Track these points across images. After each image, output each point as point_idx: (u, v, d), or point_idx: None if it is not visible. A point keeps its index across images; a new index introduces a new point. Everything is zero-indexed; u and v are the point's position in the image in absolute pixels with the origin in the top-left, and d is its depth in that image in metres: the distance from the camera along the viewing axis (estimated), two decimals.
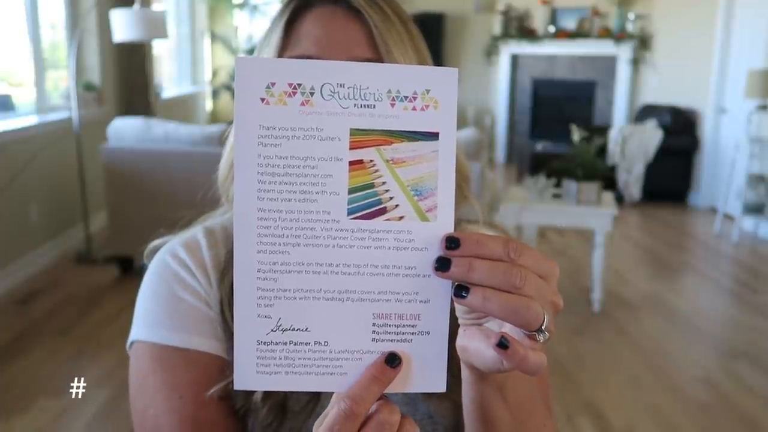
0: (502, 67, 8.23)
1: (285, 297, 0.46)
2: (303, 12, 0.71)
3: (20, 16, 4.17)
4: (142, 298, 0.75)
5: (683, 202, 6.41)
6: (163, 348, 0.71)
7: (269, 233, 0.46)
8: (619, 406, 2.64)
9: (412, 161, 0.47)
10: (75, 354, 2.89)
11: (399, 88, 0.46)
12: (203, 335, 0.72)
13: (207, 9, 7.85)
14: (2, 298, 3.54)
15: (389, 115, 0.46)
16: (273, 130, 0.45)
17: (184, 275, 0.74)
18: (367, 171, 0.46)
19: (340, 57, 0.69)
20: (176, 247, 0.76)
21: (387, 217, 0.47)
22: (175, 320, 0.72)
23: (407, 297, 0.47)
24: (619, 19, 7.28)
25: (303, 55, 0.70)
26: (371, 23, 0.70)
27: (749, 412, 2.65)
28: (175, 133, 3.71)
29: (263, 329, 0.47)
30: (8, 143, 3.68)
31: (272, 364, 0.47)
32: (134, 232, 3.76)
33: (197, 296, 0.73)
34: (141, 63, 5.28)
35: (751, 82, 4.96)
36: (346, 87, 0.46)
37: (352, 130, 0.46)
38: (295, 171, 0.46)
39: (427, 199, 0.47)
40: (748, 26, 5.61)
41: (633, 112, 7.21)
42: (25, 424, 2.40)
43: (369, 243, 0.47)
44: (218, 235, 0.78)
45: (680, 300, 3.96)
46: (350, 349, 0.47)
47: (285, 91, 0.45)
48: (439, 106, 0.47)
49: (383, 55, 0.70)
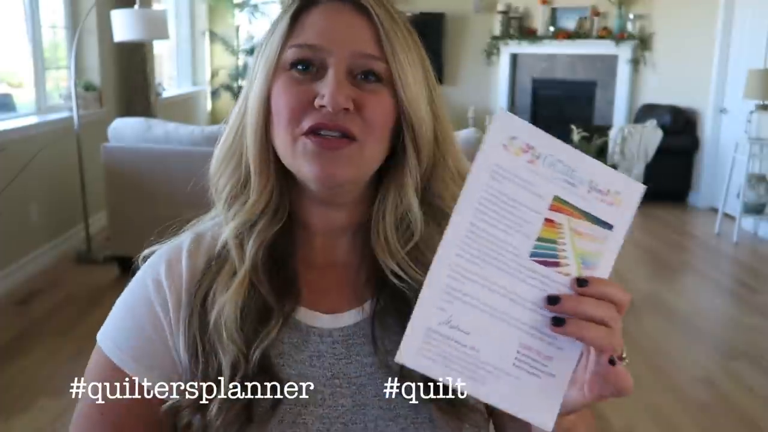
0: (502, 67, 8.22)
1: (462, 300, 0.55)
2: (310, 6, 0.71)
3: (20, 16, 4.17)
4: (118, 310, 0.78)
5: (683, 202, 6.41)
6: (113, 365, 0.74)
7: (471, 244, 0.55)
8: (619, 406, 2.64)
9: (588, 238, 0.57)
10: (75, 354, 2.89)
11: (597, 182, 0.57)
12: (154, 370, 0.73)
13: (207, 9, 7.85)
14: (2, 298, 3.54)
15: (583, 197, 0.56)
16: (503, 170, 0.55)
17: (158, 309, 0.74)
18: (556, 230, 0.56)
19: (343, 51, 0.69)
20: (159, 268, 0.76)
21: (557, 270, 0.56)
22: (135, 349, 0.74)
23: (548, 339, 0.56)
24: (619, 19, 7.28)
25: (305, 44, 0.69)
26: (378, 22, 0.69)
27: (749, 412, 2.65)
28: (175, 133, 3.71)
29: (436, 319, 0.54)
30: (8, 143, 3.68)
31: (432, 351, 0.54)
32: (134, 232, 3.76)
33: (162, 336, 0.74)
34: (141, 63, 5.28)
35: (751, 82, 4.96)
36: (563, 164, 0.56)
37: (555, 197, 0.56)
38: (506, 207, 0.55)
39: (589, 269, 0.56)
40: (748, 26, 5.61)
41: (633, 112, 7.21)
42: (25, 424, 2.41)
43: (536, 284, 0.56)
44: (204, 243, 0.78)
45: (680, 300, 3.96)
46: (493, 364, 0.55)
47: (521, 147, 0.55)
48: (621, 206, 0.57)
49: (388, 55, 0.69)
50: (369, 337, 0.74)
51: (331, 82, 0.68)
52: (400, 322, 0.72)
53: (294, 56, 0.70)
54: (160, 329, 0.74)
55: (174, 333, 0.74)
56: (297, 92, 0.69)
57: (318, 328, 0.74)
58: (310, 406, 0.71)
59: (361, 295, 0.76)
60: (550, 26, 7.72)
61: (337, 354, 0.73)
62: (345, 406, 0.72)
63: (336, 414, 0.71)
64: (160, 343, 0.74)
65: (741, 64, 5.58)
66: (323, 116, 0.68)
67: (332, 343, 0.74)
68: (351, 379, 0.73)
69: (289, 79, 0.70)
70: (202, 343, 0.72)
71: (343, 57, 0.69)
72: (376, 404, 0.72)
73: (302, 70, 0.70)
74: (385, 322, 0.74)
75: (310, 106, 0.69)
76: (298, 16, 0.71)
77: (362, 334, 0.75)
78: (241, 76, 7.79)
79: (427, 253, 0.73)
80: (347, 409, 0.72)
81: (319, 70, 0.70)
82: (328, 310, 0.75)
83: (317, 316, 0.75)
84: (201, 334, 0.72)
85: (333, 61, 0.69)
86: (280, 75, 0.71)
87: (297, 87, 0.70)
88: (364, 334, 0.74)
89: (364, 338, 0.74)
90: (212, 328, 0.71)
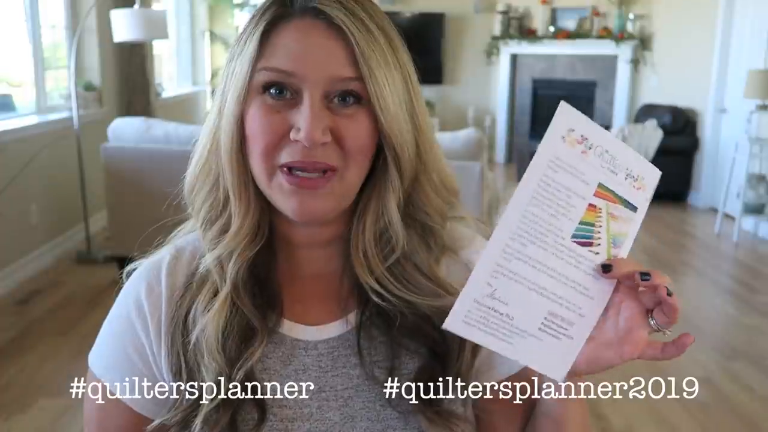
0: (502, 67, 8.22)
1: (508, 276, 0.60)
2: (280, 22, 0.67)
3: (20, 16, 4.17)
4: (105, 332, 0.78)
5: (683, 202, 6.41)
6: (104, 387, 0.75)
7: (523, 228, 0.60)
8: (620, 406, 2.63)
9: (620, 220, 0.63)
10: (75, 354, 2.89)
11: (632, 169, 0.63)
12: (139, 393, 0.74)
13: (207, 9, 7.85)
14: (2, 298, 3.54)
15: (621, 183, 0.63)
16: (560, 161, 0.60)
17: (140, 332, 0.74)
18: (595, 214, 0.62)
19: (317, 74, 0.65)
20: (140, 288, 0.76)
21: (590, 249, 0.62)
22: (122, 372, 0.75)
23: (573, 307, 0.63)
24: (619, 19, 7.28)
25: (277, 69, 0.66)
26: (353, 41, 0.65)
27: (749, 412, 2.65)
28: (175, 133, 3.71)
29: (483, 292, 0.60)
30: (8, 143, 3.68)
31: (474, 320, 0.60)
32: (134, 232, 3.73)
33: (145, 360, 0.74)
34: (141, 63, 5.28)
35: (751, 82, 4.96)
36: (608, 153, 0.62)
37: (599, 183, 0.61)
38: (558, 194, 0.60)
39: (616, 248, 0.63)
40: (748, 26, 5.60)
41: (633, 112, 7.21)
42: (25, 424, 2.40)
43: (572, 261, 0.62)
44: (184, 259, 0.77)
45: (680, 300, 3.96)
46: (523, 329, 0.61)
47: (576, 138, 0.60)
48: (645, 190, 0.64)
49: (365, 75, 0.65)
50: (354, 349, 0.72)
51: (307, 115, 0.64)
52: (385, 332, 0.72)
53: (266, 79, 0.66)
54: (142, 352, 0.74)
55: (156, 354, 0.74)
56: (271, 123, 0.66)
57: (303, 341, 0.73)
58: (296, 421, 0.70)
59: (345, 306, 0.74)
60: (550, 26, 7.72)
61: (323, 367, 0.72)
62: (333, 419, 0.71)
63: (324, 428, 0.71)
64: (144, 367, 0.74)
65: (741, 64, 5.58)
66: (300, 152, 0.65)
67: (317, 355, 0.73)
68: (338, 391, 0.72)
69: (262, 105, 0.67)
70: (186, 361, 0.71)
71: (318, 82, 0.65)
72: (364, 416, 0.71)
73: (276, 95, 0.66)
74: (371, 333, 0.72)
75: (285, 138, 0.66)
76: (268, 33, 0.67)
77: (348, 345, 0.73)
78: None
79: (408, 268, 0.72)
80: (335, 423, 0.71)
81: (294, 96, 0.66)
82: (313, 322, 0.74)
83: (301, 328, 0.74)
84: (183, 353, 0.71)
85: (308, 87, 0.65)
86: (253, 96, 0.67)
87: (271, 116, 0.66)
88: (349, 346, 0.73)
89: (349, 350, 0.73)
90: (193, 347, 0.70)
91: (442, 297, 0.71)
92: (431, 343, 0.71)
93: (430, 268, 0.73)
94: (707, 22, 6.03)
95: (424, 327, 0.71)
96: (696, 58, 6.27)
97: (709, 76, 6.07)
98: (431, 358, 0.71)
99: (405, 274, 0.72)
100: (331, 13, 0.65)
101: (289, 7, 0.67)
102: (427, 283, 0.72)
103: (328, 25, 0.66)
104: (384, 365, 0.72)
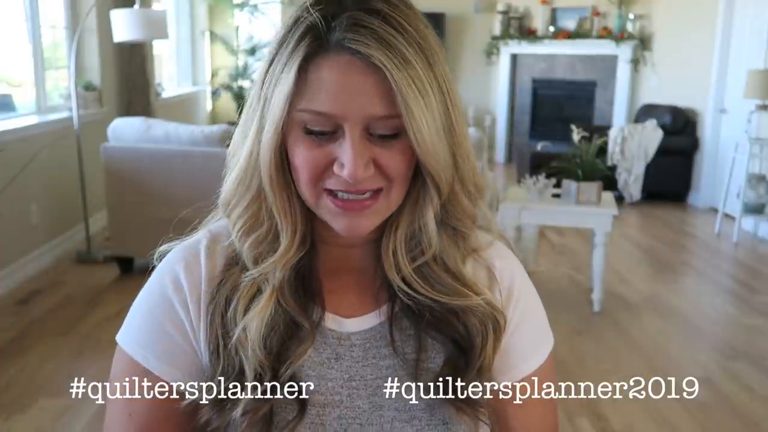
0: (502, 67, 8.22)
1: None
2: (316, 58, 0.65)
3: (20, 16, 4.17)
4: (137, 309, 0.77)
5: (683, 202, 6.41)
6: (132, 361, 0.74)
7: None
8: (619, 406, 2.64)
9: None
10: (75, 354, 2.89)
11: None
12: (176, 367, 0.74)
13: (207, 9, 7.85)
14: (2, 298, 3.54)
15: None
16: None
17: (178, 307, 0.74)
18: None
19: (357, 114, 0.65)
20: (177, 266, 0.76)
21: None
22: (151, 341, 0.74)
23: None
24: (619, 19, 7.28)
25: (317, 112, 0.66)
26: (391, 79, 0.64)
27: (749, 412, 2.65)
28: (175, 133, 3.71)
29: None
30: (8, 143, 3.68)
31: None
32: (134, 232, 3.76)
33: (183, 333, 0.74)
34: (141, 63, 5.28)
35: (751, 82, 4.96)
36: None
37: None
38: None
39: None
40: (748, 26, 5.60)
41: (633, 112, 7.21)
42: (25, 424, 2.40)
43: None
44: (221, 243, 0.77)
45: (680, 300, 3.96)
46: None
47: None
48: None
49: (402, 113, 0.65)
50: (386, 340, 0.75)
51: (350, 154, 0.65)
52: (414, 325, 0.74)
53: (306, 120, 0.67)
54: (181, 327, 0.74)
55: (195, 330, 0.74)
56: (315, 157, 0.68)
57: (336, 332, 0.75)
58: (328, 407, 0.73)
59: (377, 299, 0.77)
60: (550, 26, 7.72)
61: (354, 357, 0.75)
62: (362, 407, 0.73)
63: (353, 415, 0.73)
64: (182, 340, 0.74)
65: (741, 64, 5.58)
66: (344, 183, 0.67)
67: (350, 346, 0.75)
68: (367, 381, 0.74)
69: (305, 140, 0.68)
70: (224, 342, 0.72)
71: (358, 121, 0.66)
72: (392, 406, 0.73)
73: (317, 134, 0.67)
74: (401, 325, 0.75)
75: (329, 168, 0.68)
76: (305, 68, 0.65)
77: (379, 337, 0.76)
78: (240, 76, 7.79)
79: (435, 268, 0.74)
80: (364, 411, 0.73)
81: (335, 132, 0.67)
82: (347, 314, 0.76)
83: (336, 319, 0.76)
84: (223, 335, 0.72)
85: (348, 125, 0.66)
86: (293, 127, 0.68)
87: (314, 150, 0.67)
88: (381, 337, 0.76)
89: (381, 341, 0.75)
90: (236, 338, 0.71)
91: (468, 297, 0.73)
92: (457, 337, 0.74)
93: (457, 268, 0.75)
94: (707, 22, 6.03)
95: (451, 322, 0.74)
96: (696, 58, 6.27)
97: (709, 76, 6.06)
98: (457, 351, 0.74)
99: (432, 273, 0.74)
100: (368, 52, 0.64)
101: (324, 41, 0.66)
102: (454, 283, 0.74)
103: (366, 63, 0.64)
104: (411, 357, 0.74)
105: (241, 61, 7.84)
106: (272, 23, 7.94)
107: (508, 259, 0.82)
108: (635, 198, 5.90)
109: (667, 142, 5.91)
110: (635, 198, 5.90)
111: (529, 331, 0.81)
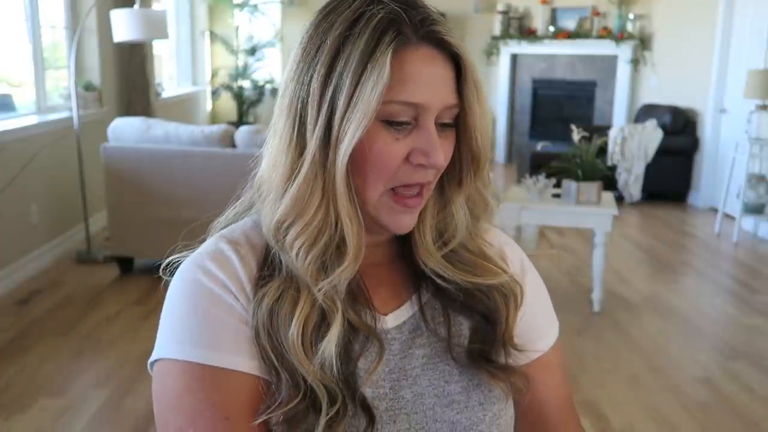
0: (502, 67, 8.23)
1: None
2: (402, 49, 0.66)
3: (20, 16, 4.17)
4: (170, 317, 0.71)
5: (683, 202, 6.41)
6: (200, 367, 0.67)
7: None
8: (619, 406, 2.64)
9: None
10: (75, 354, 2.89)
11: None
12: (242, 354, 0.68)
13: (207, 9, 7.85)
14: (2, 298, 3.54)
15: None
16: None
17: (219, 292, 0.69)
18: None
19: (437, 104, 0.68)
20: (204, 261, 0.71)
21: None
22: (212, 339, 0.68)
23: None
24: (619, 19, 7.28)
25: (408, 102, 0.67)
26: (466, 70, 0.69)
27: (749, 412, 2.65)
28: (175, 133, 3.71)
29: None
30: (8, 143, 3.68)
31: None
32: (134, 232, 3.76)
33: (233, 314, 0.69)
34: (141, 63, 5.28)
35: (751, 82, 4.96)
36: None
37: None
38: None
39: None
40: (748, 26, 5.61)
41: (633, 112, 7.21)
42: (25, 424, 2.40)
43: None
44: (244, 246, 0.74)
45: (680, 300, 3.96)
46: None
47: None
48: None
49: (464, 101, 0.70)
50: (420, 330, 0.77)
51: (433, 143, 0.68)
52: (444, 313, 0.78)
53: (394, 111, 0.67)
54: (241, 316, 0.69)
55: (247, 309, 0.70)
56: (396, 152, 0.68)
57: (381, 330, 0.76)
58: (375, 400, 0.73)
59: (405, 291, 0.79)
60: (550, 26, 7.72)
61: (393, 350, 0.76)
62: (405, 397, 0.74)
63: (399, 406, 0.74)
64: (238, 320, 0.69)
65: (741, 64, 5.58)
66: (412, 175, 0.69)
67: (390, 340, 0.76)
68: (407, 372, 0.75)
69: (387, 135, 0.68)
70: (280, 361, 0.68)
71: (435, 111, 0.68)
72: (431, 393, 0.75)
73: (398, 126, 0.68)
74: (432, 312, 0.78)
75: (404, 163, 0.69)
76: (393, 61, 0.66)
77: (414, 328, 0.77)
78: (240, 76, 7.79)
79: (460, 251, 0.77)
80: (408, 401, 0.74)
81: (411, 122, 0.69)
82: (384, 311, 0.77)
83: (379, 318, 0.76)
84: (272, 349, 0.68)
85: (428, 115, 0.68)
86: (372, 122, 0.67)
87: (395, 145, 0.68)
88: (415, 328, 0.77)
89: (416, 332, 0.77)
90: (302, 364, 0.67)
91: (498, 275, 0.77)
92: (485, 311, 0.78)
93: (480, 248, 0.79)
94: (707, 22, 6.03)
95: (480, 299, 0.77)
96: (696, 58, 6.27)
97: (709, 76, 6.07)
98: (483, 322, 0.78)
99: (459, 257, 0.77)
100: (455, 42, 0.68)
101: (409, 33, 0.67)
102: (483, 262, 0.78)
103: (445, 55, 0.68)
104: (444, 338, 0.77)
105: (241, 61, 7.84)
106: (272, 23, 7.95)
107: (511, 244, 0.87)
108: (635, 198, 5.90)
109: (667, 142, 5.91)
110: (635, 198, 5.90)
111: (542, 311, 0.86)
